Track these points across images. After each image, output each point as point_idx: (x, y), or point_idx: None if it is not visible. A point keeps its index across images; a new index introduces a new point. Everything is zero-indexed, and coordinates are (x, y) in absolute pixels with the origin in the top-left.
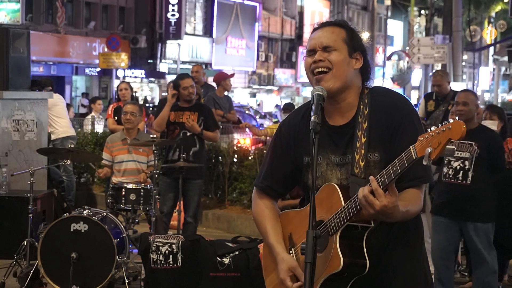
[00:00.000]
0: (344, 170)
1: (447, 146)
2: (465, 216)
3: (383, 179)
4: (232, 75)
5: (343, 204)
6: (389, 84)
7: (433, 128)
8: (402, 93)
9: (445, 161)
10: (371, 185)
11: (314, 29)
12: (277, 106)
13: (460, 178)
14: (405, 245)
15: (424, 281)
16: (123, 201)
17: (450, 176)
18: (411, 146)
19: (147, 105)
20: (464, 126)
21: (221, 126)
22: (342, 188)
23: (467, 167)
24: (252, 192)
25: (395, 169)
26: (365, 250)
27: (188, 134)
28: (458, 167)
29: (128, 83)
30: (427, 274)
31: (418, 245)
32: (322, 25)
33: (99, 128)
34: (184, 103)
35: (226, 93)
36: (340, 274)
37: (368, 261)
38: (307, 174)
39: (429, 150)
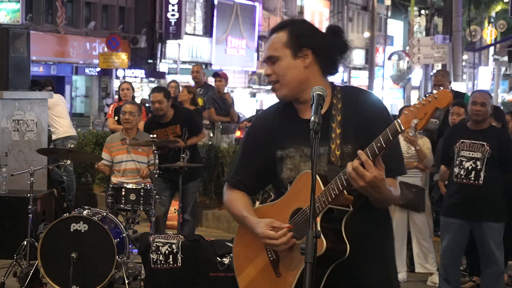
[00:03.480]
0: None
1: (430, 119)
2: (478, 216)
3: (368, 154)
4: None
5: (323, 188)
6: (389, 84)
7: (417, 101)
8: (402, 93)
9: (457, 162)
10: (361, 158)
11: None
12: None
13: (472, 178)
14: (377, 237)
15: (393, 268)
16: (123, 201)
17: (462, 176)
18: (395, 121)
19: (146, 105)
20: (451, 94)
21: (221, 126)
22: (319, 175)
23: (479, 167)
24: (223, 188)
25: (379, 145)
26: (344, 234)
27: (177, 148)
28: (470, 167)
29: (130, 83)
30: (394, 264)
31: (390, 237)
32: (271, 32)
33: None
34: (161, 118)
35: (226, 90)
36: (322, 257)
37: (348, 245)
38: (281, 167)
39: (415, 121)
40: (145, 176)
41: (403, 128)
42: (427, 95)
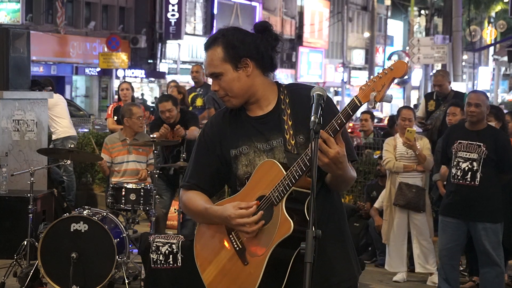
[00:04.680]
0: (271, 155)
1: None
2: (474, 217)
3: (329, 132)
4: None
5: (285, 173)
6: None
7: (372, 76)
8: (402, 93)
9: (454, 163)
10: (322, 136)
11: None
12: None
13: (469, 179)
14: (336, 218)
15: (351, 248)
16: (123, 201)
17: (459, 177)
18: (354, 97)
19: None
20: (406, 64)
21: None
22: (280, 163)
23: (475, 168)
24: (179, 194)
25: (339, 121)
26: (307, 215)
27: (176, 149)
28: (467, 168)
29: (130, 83)
30: (352, 245)
31: (346, 220)
32: (205, 48)
33: None
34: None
35: None
36: (290, 239)
37: None
38: (236, 165)
39: (374, 94)
40: (143, 179)
41: (362, 102)
42: (382, 69)
